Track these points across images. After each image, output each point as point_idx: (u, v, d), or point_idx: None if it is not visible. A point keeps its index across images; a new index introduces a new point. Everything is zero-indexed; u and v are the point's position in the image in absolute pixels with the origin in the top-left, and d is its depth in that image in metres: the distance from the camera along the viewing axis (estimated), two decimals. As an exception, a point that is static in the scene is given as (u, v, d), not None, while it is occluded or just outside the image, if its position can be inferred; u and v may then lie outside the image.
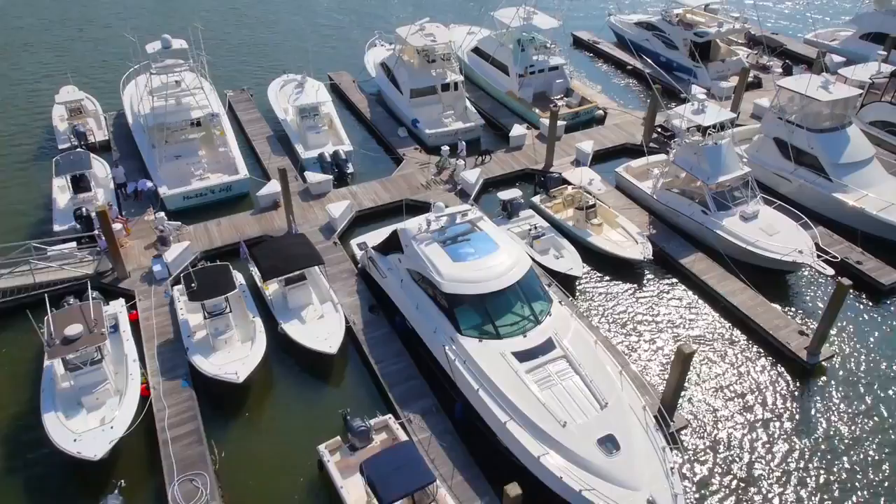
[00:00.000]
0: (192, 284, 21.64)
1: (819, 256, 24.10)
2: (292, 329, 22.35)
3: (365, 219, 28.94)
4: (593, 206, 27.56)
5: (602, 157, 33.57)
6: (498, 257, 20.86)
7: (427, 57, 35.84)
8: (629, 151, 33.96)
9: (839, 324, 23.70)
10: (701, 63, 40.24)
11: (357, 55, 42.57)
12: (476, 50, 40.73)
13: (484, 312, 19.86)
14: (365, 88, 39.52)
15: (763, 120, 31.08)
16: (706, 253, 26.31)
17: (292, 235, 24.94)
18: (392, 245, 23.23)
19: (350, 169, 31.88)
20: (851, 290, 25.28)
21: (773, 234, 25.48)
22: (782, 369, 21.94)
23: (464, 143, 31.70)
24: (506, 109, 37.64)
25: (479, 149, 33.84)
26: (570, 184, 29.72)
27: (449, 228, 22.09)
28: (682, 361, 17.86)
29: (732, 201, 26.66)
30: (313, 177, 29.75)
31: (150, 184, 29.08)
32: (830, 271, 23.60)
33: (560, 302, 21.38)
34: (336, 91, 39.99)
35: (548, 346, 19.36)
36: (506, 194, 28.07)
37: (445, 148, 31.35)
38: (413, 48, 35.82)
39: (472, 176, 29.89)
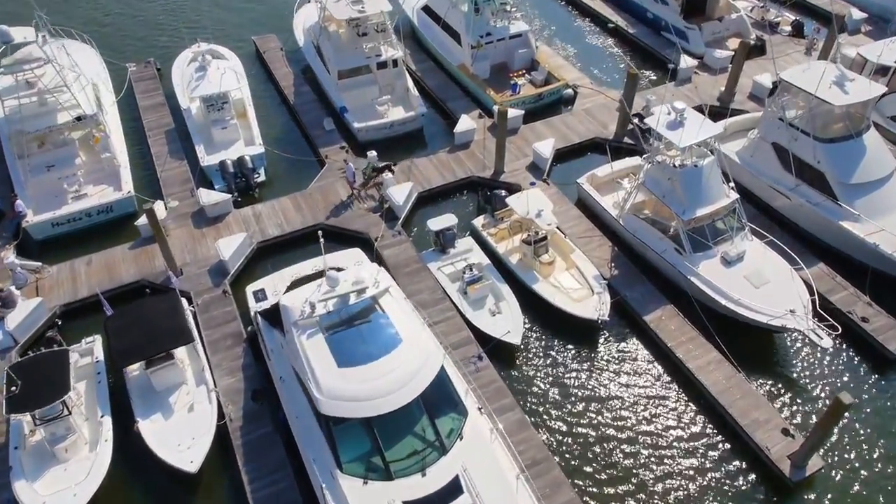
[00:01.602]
0: (13, 387, 17.03)
1: (814, 318, 19.34)
2: (150, 430, 17.90)
3: (270, 251, 23.92)
4: (544, 238, 22.41)
5: (566, 155, 28.02)
6: (399, 357, 16.11)
7: (357, 29, 29.51)
8: (600, 148, 28.32)
9: (835, 408, 19.14)
10: (694, 23, 33.67)
11: (291, 14, 35.69)
12: (426, 9, 34.16)
13: (373, 439, 15.35)
14: (293, 60, 33.27)
15: (761, 119, 25.27)
16: (679, 305, 21.38)
17: (159, 298, 20.01)
18: (277, 319, 18.48)
19: (259, 177, 26.50)
20: (853, 356, 20.58)
21: (760, 285, 20.50)
22: (759, 483, 17.55)
23: (351, 167, 25.09)
24: (457, 88, 31.58)
25: (419, 144, 28.38)
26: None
27: (343, 308, 17.26)
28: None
29: (713, 238, 21.49)
30: (208, 196, 24.45)
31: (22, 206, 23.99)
32: (828, 343, 18.85)
33: (480, 409, 16.82)
34: (260, 60, 33.85)
35: (453, 489, 14.96)
36: (438, 223, 22.94)
37: (372, 153, 25.84)
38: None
39: (401, 193, 24.56)
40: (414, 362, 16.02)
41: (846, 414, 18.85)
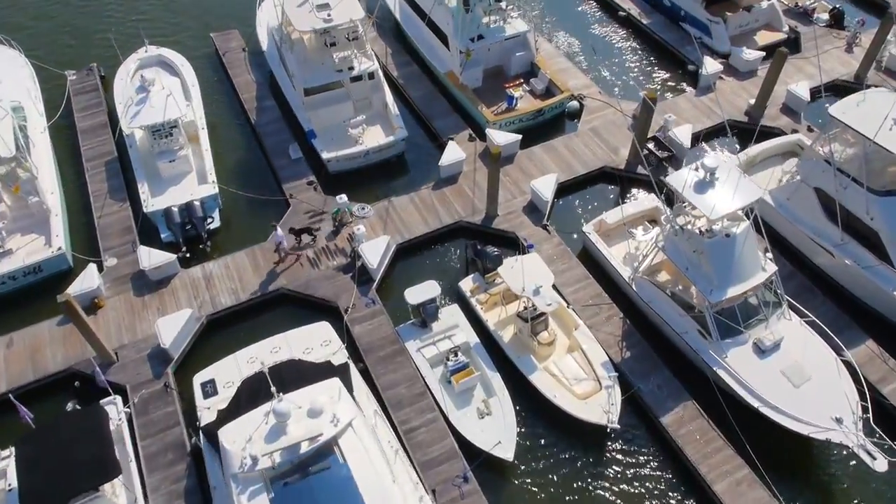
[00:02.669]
0: None
1: (863, 423, 16.13)
2: (69, 587, 14.98)
3: (223, 323, 20.49)
4: (543, 315, 18.89)
5: (571, 188, 24.16)
6: (358, 526, 12.99)
7: (326, 38, 25.10)
8: (609, 178, 24.46)
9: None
10: (718, 14, 29.05)
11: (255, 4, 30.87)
12: (411, 2, 29.52)
13: None
14: (256, 65, 28.89)
15: (801, 159, 21.34)
16: (701, 401, 18.04)
17: (80, 415, 16.68)
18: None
19: (212, 223, 22.73)
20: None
21: (800, 383, 17.12)
22: None
23: (279, 233, 21.10)
24: (445, 101, 27.27)
25: (383, 183, 24.53)
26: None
27: (293, 457, 14.01)
28: None
29: (745, 320, 17.96)
30: (149, 257, 20.80)
31: None
32: (882, 466, 15.58)
33: (461, 579, 13.79)
34: (220, 62, 29.48)
35: None
36: (417, 294, 19.36)
37: (342, 197, 22.10)
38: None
39: (375, 252, 20.86)
40: (379, 536, 12.90)
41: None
